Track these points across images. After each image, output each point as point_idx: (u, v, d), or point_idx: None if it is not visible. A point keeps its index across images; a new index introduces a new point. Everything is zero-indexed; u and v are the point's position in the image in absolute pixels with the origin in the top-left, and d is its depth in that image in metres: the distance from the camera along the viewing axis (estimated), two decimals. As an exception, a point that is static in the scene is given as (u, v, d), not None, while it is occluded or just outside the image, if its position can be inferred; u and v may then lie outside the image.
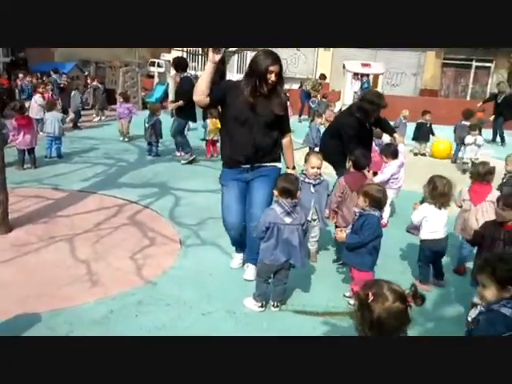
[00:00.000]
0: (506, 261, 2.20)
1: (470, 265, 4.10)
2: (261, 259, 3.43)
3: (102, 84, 13.87)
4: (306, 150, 9.01)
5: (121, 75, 14.58)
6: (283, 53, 18.89)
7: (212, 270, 4.02)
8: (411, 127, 10.37)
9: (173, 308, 3.36)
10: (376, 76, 13.30)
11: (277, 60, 3.43)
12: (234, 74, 22.31)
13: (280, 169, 3.79)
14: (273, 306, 3.43)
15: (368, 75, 14.60)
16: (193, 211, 5.49)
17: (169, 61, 25.85)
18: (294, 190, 3.33)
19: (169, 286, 3.70)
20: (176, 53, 20.90)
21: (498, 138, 12.59)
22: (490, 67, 22.03)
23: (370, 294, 1.73)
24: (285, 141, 3.82)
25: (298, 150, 9.79)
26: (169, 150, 8.97)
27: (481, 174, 4.04)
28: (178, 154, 8.63)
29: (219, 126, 8.50)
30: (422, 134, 10.04)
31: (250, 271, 3.85)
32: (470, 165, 8.18)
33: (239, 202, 3.74)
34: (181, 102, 7.73)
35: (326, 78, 15.77)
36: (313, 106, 13.39)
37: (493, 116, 12.62)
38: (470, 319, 2.20)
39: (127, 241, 4.52)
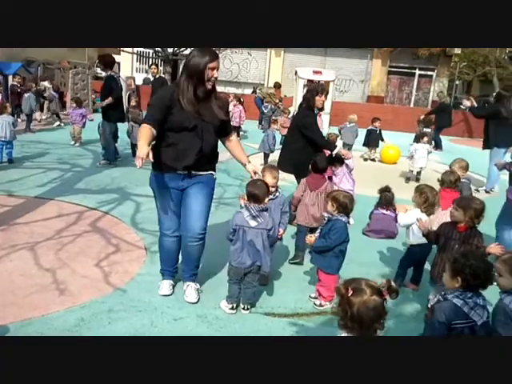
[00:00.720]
0: (467, 256, 2.42)
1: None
2: (229, 261, 3.55)
3: (56, 92, 13.49)
4: (261, 155, 9.20)
5: (70, 77, 14.23)
6: (235, 58, 19.19)
7: (179, 276, 4.06)
8: (362, 131, 10.79)
9: (144, 314, 3.40)
10: (327, 83, 13.67)
11: (215, 55, 3.24)
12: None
13: (215, 178, 3.70)
14: (243, 308, 3.54)
15: (319, 82, 15.01)
16: (154, 217, 5.42)
17: (117, 62, 25.53)
18: (260, 194, 3.46)
19: (138, 292, 3.72)
20: (125, 54, 20.64)
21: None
22: (432, 75, 23.15)
23: (350, 289, 1.88)
24: (233, 140, 3.74)
25: (254, 156, 9.98)
26: (124, 154, 8.88)
27: (452, 182, 4.37)
28: (134, 158, 8.57)
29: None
30: (372, 140, 10.47)
31: (192, 292, 3.64)
32: (414, 173, 8.56)
33: (176, 209, 3.56)
34: (110, 99, 7.67)
35: (280, 86, 16.02)
36: (265, 111, 13.59)
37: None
38: (429, 306, 2.43)
39: (91, 248, 4.48)
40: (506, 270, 2.38)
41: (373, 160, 10.62)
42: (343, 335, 1.89)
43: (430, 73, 23.15)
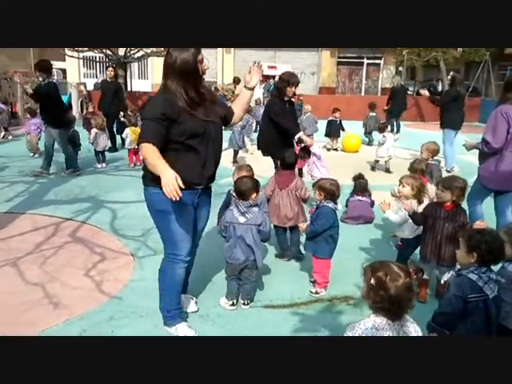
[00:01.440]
0: (482, 233, 2.55)
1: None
2: (225, 259, 3.60)
3: (4, 104, 12.93)
4: (230, 151, 9.21)
5: (18, 87, 13.71)
6: (187, 57, 18.95)
7: (172, 277, 4.05)
8: (322, 122, 11.01)
9: (147, 319, 3.38)
10: (285, 73, 13.77)
11: (198, 47, 2.88)
12: (135, 80, 21.91)
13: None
14: (243, 304, 3.58)
15: (274, 77, 15.13)
16: (133, 223, 5.43)
17: (61, 69, 24.77)
18: (246, 191, 3.50)
19: (135, 298, 3.69)
20: (72, 60, 20.06)
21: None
22: (379, 64, 23.85)
23: (385, 274, 1.93)
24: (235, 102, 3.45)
25: (223, 154, 9.99)
26: (88, 162, 8.68)
27: (423, 169, 4.54)
28: (99, 165, 8.41)
29: (141, 134, 8.52)
30: (333, 130, 10.69)
31: (191, 302, 3.50)
32: (382, 162, 8.74)
33: (192, 230, 3.15)
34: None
35: (239, 81, 15.91)
36: None
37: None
38: (442, 282, 2.53)
39: (76, 258, 4.39)
40: (508, 240, 2.53)
41: (335, 150, 10.86)
42: (371, 318, 1.95)
43: (377, 61, 23.85)
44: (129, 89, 16.69)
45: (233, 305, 3.56)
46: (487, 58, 18.20)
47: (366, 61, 23.73)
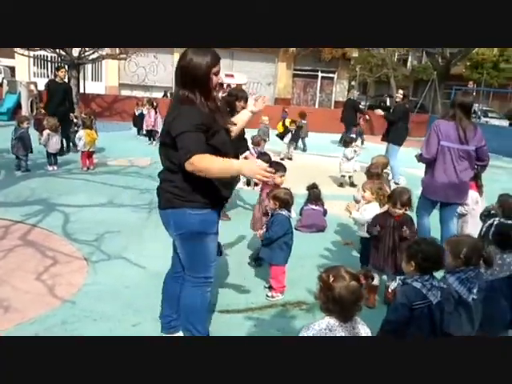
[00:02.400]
0: (418, 243, 2.72)
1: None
2: None
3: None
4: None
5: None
6: (141, 61, 18.70)
7: (127, 282, 4.05)
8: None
9: (101, 323, 3.36)
10: (239, 86, 13.92)
11: (218, 57, 2.70)
12: (89, 82, 21.47)
13: None
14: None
15: (230, 85, 15.26)
16: (86, 227, 5.36)
17: (9, 66, 23.90)
18: None
19: (88, 302, 3.65)
20: (21, 58, 19.39)
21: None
22: (333, 77, 24.46)
23: (331, 276, 2.07)
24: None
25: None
26: (39, 164, 8.45)
27: (379, 174, 4.76)
28: (51, 168, 8.21)
29: (95, 136, 8.39)
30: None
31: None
32: (347, 178, 8.69)
33: None
34: None
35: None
36: None
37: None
38: (389, 290, 2.69)
39: (27, 262, 4.29)
40: (449, 250, 2.72)
41: (290, 159, 11.06)
42: (325, 320, 2.06)
43: (331, 75, 24.44)
44: (81, 91, 16.32)
45: (188, 310, 3.59)
46: (434, 77, 19.06)
47: (320, 74, 24.27)
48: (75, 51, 14.79)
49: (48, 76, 22.04)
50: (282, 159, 10.88)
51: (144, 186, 7.44)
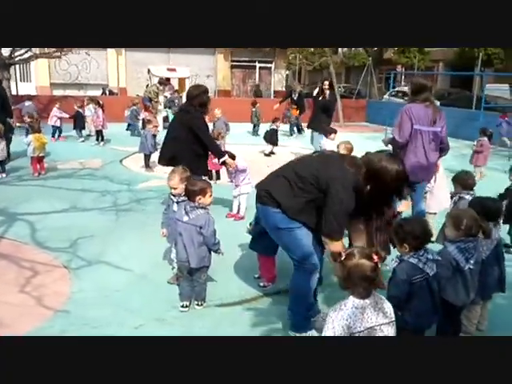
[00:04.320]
0: (402, 226, 2.90)
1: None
2: None
3: None
4: (140, 156, 9.07)
5: None
6: (72, 58, 17.88)
7: (116, 286, 3.99)
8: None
9: (102, 329, 3.31)
10: (182, 79, 13.79)
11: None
12: (18, 83, 20.42)
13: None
14: (196, 305, 3.65)
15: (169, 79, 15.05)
16: (56, 234, 5.18)
17: None
18: (192, 193, 3.58)
19: (81, 310, 3.57)
20: None
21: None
22: (270, 67, 24.72)
23: (343, 254, 2.22)
24: None
25: (131, 157, 9.77)
26: (-15, 172, 8.01)
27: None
28: (-2, 175, 7.80)
29: (45, 141, 8.05)
30: (274, 137, 10.99)
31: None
32: None
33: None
34: None
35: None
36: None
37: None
38: (389, 268, 2.87)
39: (5, 275, 4.11)
40: (450, 222, 2.93)
41: (273, 153, 10.93)
42: (350, 299, 2.19)
43: (269, 65, 24.70)
44: (14, 92, 15.49)
45: (185, 306, 3.62)
46: (370, 63, 19.75)
47: (258, 64, 24.46)
48: (5, 51, 14.02)
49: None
50: (266, 155, 10.84)
51: (103, 188, 7.26)
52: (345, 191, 2.86)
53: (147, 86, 15.68)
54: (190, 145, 5.27)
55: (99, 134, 11.52)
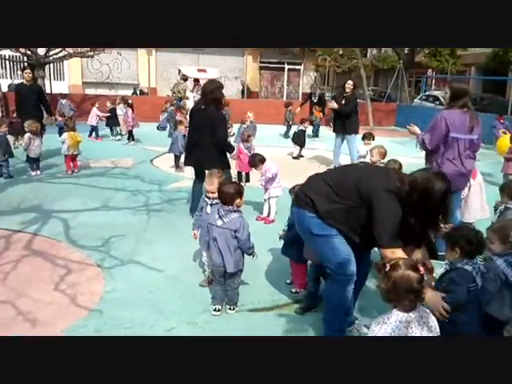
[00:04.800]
0: (457, 229, 2.83)
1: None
2: None
3: None
4: (170, 156, 9.13)
5: None
6: (104, 58, 18.12)
7: (149, 287, 4.00)
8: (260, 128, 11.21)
9: (134, 330, 3.32)
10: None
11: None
12: (51, 81, 20.86)
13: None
14: (228, 309, 3.63)
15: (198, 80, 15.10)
16: (89, 232, 5.25)
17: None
18: (229, 197, 3.55)
19: (115, 310, 3.60)
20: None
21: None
22: (299, 69, 24.64)
23: (388, 265, 2.15)
24: None
25: (160, 158, 9.85)
26: (20, 169, 8.18)
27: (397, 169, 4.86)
28: (33, 173, 7.95)
29: (79, 139, 8.17)
30: (302, 139, 10.81)
31: None
32: None
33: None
34: None
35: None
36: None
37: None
38: (434, 275, 2.79)
39: (41, 272, 4.18)
40: (496, 236, 2.84)
41: (301, 156, 10.83)
42: (394, 313, 2.13)
43: (297, 67, 24.64)
44: (48, 91, 15.82)
45: (217, 310, 3.60)
46: (401, 66, 19.46)
47: (286, 66, 24.43)
48: (41, 50, 14.35)
49: (8, 77, 21.28)
50: (295, 158, 10.74)
51: (134, 187, 7.33)
52: (391, 199, 2.73)
53: (174, 85, 15.83)
54: (213, 145, 5.51)
55: (130, 134, 11.65)
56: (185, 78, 14.32)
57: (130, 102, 12.31)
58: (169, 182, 7.86)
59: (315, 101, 14.71)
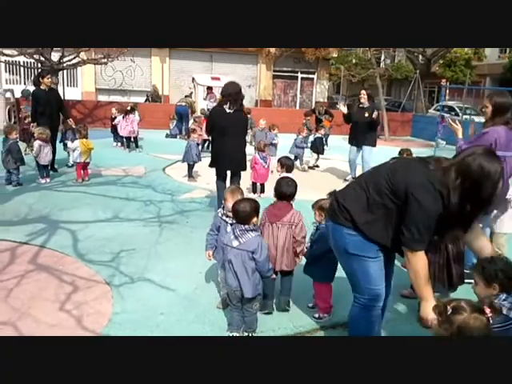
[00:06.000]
0: (493, 262, 2.52)
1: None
2: None
3: None
4: (182, 166, 8.89)
5: None
6: (117, 65, 18.12)
7: (159, 308, 3.73)
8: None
9: (146, 359, 3.04)
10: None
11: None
12: (64, 87, 20.84)
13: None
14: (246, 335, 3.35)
15: (212, 88, 14.92)
16: (98, 245, 5.00)
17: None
18: (246, 216, 3.26)
19: (124, 334, 3.32)
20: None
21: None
22: (313, 78, 24.40)
23: (449, 307, 1.84)
24: None
25: (172, 167, 9.61)
26: (29, 176, 7.99)
27: None
28: (43, 181, 7.75)
29: (91, 146, 7.96)
30: (321, 147, 10.58)
31: None
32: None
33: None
34: None
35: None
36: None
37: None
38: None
39: (45, 290, 3.92)
40: None
41: (317, 166, 10.54)
42: None
43: (311, 76, 24.39)
44: (62, 97, 15.71)
45: (235, 337, 3.32)
46: (417, 76, 19.17)
47: (300, 75, 24.19)
48: (54, 56, 14.25)
49: (22, 83, 21.29)
50: (310, 167, 10.45)
51: (146, 197, 7.09)
52: (429, 197, 2.44)
53: (190, 94, 15.67)
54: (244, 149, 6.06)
55: (128, 141, 11.60)
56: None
57: (129, 108, 12.01)
58: (181, 192, 7.61)
59: (320, 117, 14.36)
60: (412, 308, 3.84)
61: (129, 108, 11.99)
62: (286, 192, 3.79)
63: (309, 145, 10.56)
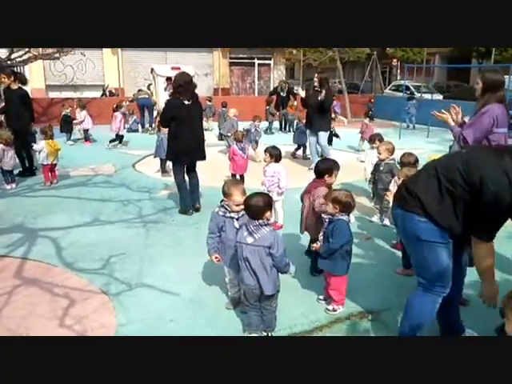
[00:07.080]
0: None
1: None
2: None
3: None
4: (153, 161, 8.61)
5: None
6: (67, 59, 17.34)
7: (167, 314, 3.54)
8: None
9: (166, 372, 2.86)
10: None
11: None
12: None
13: None
14: (266, 335, 3.22)
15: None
16: (84, 252, 4.73)
17: None
18: (260, 211, 3.10)
19: (136, 347, 3.13)
20: None
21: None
22: (269, 64, 24.25)
23: None
24: None
25: (141, 163, 9.29)
26: (-7, 183, 7.50)
27: (411, 163, 4.57)
28: (8, 186, 7.29)
29: (59, 147, 7.53)
30: (304, 138, 9.94)
31: None
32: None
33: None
34: None
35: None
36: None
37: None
38: None
39: (39, 306, 3.65)
40: None
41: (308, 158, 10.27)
42: None
43: (267, 62, 24.22)
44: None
45: (253, 338, 3.18)
46: (375, 57, 19.37)
47: (257, 61, 23.97)
48: (2, 53, 13.46)
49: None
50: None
51: (123, 196, 6.79)
52: (504, 190, 2.42)
53: (149, 85, 15.18)
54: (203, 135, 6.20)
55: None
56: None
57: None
58: (158, 188, 7.35)
59: (283, 95, 14.54)
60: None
61: (115, 106, 12.14)
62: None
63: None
